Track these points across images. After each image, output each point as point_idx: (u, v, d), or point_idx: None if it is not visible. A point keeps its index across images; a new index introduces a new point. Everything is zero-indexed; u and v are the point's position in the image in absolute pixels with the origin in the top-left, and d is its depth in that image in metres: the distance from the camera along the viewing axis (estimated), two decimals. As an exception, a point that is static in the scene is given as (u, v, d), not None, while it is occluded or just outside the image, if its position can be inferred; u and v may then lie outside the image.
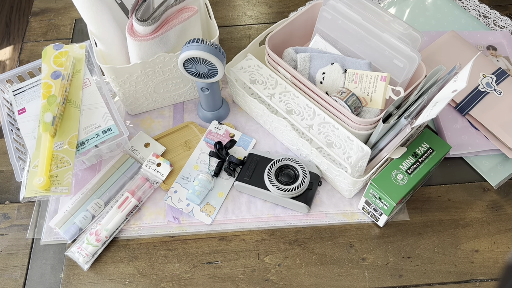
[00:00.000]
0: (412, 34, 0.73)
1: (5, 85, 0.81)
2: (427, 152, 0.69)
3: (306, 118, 0.72)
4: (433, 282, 0.69)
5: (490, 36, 0.93)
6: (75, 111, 0.76)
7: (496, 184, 0.77)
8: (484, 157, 0.80)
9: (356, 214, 0.75)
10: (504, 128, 0.77)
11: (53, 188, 0.69)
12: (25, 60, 0.97)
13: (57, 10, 1.05)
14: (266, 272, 0.70)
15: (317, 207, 0.75)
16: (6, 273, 0.71)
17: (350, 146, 0.69)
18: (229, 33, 1.00)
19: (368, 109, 0.73)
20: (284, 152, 0.81)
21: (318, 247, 0.72)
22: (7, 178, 0.81)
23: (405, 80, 0.73)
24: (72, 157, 0.72)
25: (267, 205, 0.76)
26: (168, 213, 0.75)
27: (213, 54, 0.68)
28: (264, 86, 0.76)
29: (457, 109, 0.81)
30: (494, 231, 0.73)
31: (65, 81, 0.76)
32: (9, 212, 0.77)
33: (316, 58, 0.76)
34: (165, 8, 0.70)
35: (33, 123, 0.76)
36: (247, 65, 0.78)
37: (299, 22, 0.82)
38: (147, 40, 0.71)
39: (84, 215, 0.73)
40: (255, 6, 1.05)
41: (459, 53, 0.86)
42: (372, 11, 0.75)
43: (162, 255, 0.72)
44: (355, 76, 0.73)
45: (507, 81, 0.81)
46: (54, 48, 0.80)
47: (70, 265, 0.71)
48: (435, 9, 0.99)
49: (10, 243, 0.74)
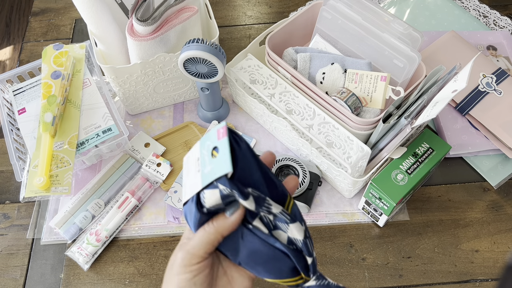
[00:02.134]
0: (412, 34, 0.72)
1: (5, 85, 0.81)
2: (427, 152, 0.69)
3: (306, 118, 0.72)
4: (433, 282, 0.69)
5: (490, 36, 0.93)
6: (75, 111, 0.76)
7: (496, 184, 0.77)
8: (484, 157, 0.80)
9: (356, 214, 0.75)
10: (504, 128, 0.77)
11: (53, 188, 0.69)
12: (25, 60, 0.97)
13: (57, 10, 1.05)
14: (266, 272, 0.70)
15: (317, 207, 0.75)
16: (6, 273, 0.71)
17: (350, 146, 0.69)
18: (229, 33, 1.00)
19: (368, 109, 0.73)
20: (284, 152, 0.81)
21: (318, 247, 0.72)
22: (7, 178, 0.81)
23: (405, 80, 0.73)
24: (72, 157, 0.72)
25: (267, 205, 0.76)
26: (168, 213, 0.75)
27: (213, 54, 0.68)
28: (264, 86, 0.76)
29: (457, 109, 0.81)
30: (494, 231, 0.73)
31: (65, 81, 0.76)
32: (9, 212, 0.77)
33: (316, 58, 0.76)
34: (165, 8, 0.70)
35: (33, 123, 0.76)
36: (247, 65, 0.78)
37: (299, 22, 0.82)
38: (147, 40, 0.71)
39: (84, 215, 0.73)
40: (255, 6, 1.05)
41: (459, 53, 0.86)
42: (372, 11, 0.75)
43: (162, 255, 0.72)
44: (355, 76, 0.73)
45: (507, 81, 0.81)
46: (54, 48, 0.80)
47: (70, 265, 0.71)
48: (435, 9, 0.99)
49: (10, 243, 0.74)
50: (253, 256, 0.39)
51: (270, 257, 0.39)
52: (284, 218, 0.39)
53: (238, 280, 0.41)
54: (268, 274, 0.40)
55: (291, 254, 0.39)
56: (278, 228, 0.40)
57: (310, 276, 0.40)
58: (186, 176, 0.40)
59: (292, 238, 0.39)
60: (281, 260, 0.39)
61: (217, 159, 0.36)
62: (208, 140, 0.37)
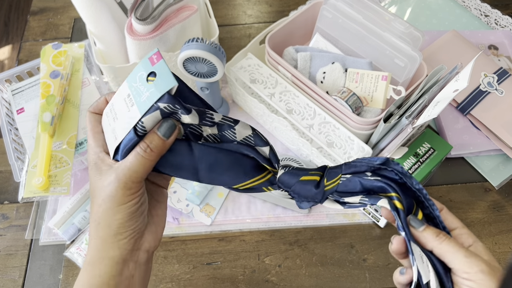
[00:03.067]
0: (413, 33, 0.72)
1: (4, 85, 0.80)
2: (428, 152, 0.69)
3: (306, 117, 0.72)
4: (434, 283, 0.69)
5: (492, 35, 0.92)
6: (74, 111, 0.75)
7: (498, 185, 0.76)
8: (486, 157, 0.79)
9: (357, 215, 0.74)
10: (506, 128, 0.76)
11: (52, 188, 0.69)
12: (23, 60, 0.96)
13: (56, 9, 1.05)
14: (266, 273, 0.70)
15: (317, 207, 0.75)
16: (5, 274, 0.71)
17: (351, 146, 0.68)
18: (229, 32, 0.99)
19: (369, 109, 0.72)
20: (284, 152, 0.81)
21: (318, 248, 0.72)
22: (5, 178, 0.80)
23: (406, 79, 0.72)
24: (71, 157, 0.71)
25: (267, 205, 0.75)
26: (167, 213, 0.75)
27: (213, 54, 0.67)
28: (264, 86, 0.75)
29: (459, 109, 0.81)
30: (495, 232, 0.73)
31: (64, 81, 0.76)
32: (7, 212, 0.77)
33: (316, 57, 0.76)
34: (165, 7, 0.70)
35: (31, 123, 0.76)
36: (247, 64, 0.78)
37: (299, 21, 0.82)
38: (146, 40, 0.70)
39: (83, 216, 0.73)
40: (255, 5, 1.04)
41: (460, 52, 0.86)
42: (373, 10, 0.75)
43: (161, 256, 0.72)
44: (356, 75, 0.73)
45: (508, 81, 0.81)
46: (53, 48, 0.79)
47: (69, 266, 0.71)
48: (436, 8, 0.99)
49: (8, 244, 0.74)
50: (213, 168, 0.39)
51: (231, 162, 0.40)
52: (227, 123, 0.39)
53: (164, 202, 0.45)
54: (234, 180, 0.40)
55: (249, 151, 0.39)
56: (225, 138, 0.40)
57: (276, 167, 0.41)
58: (110, 124, 0.40)
59: (242, 138, 0.40)
60: (241, 161, 0.40)
61: (156, 81, 0.36)
62: (139, 72, 0.37)
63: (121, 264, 0.40)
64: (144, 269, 0.42)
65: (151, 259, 0.44)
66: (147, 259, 0.43)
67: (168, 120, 0.37)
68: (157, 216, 0.44)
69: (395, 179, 0.40)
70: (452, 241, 0.38)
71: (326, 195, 0.41)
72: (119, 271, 0.40)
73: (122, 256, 0.40)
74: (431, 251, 0.38)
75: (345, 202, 0.41)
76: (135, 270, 0.41)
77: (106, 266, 0.39)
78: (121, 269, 0.40)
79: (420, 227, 0.39)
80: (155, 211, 0.44)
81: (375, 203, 0.39)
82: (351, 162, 0.41)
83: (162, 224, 0.45)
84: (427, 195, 0.39)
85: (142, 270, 0.42)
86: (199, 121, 0.38)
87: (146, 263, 0.42)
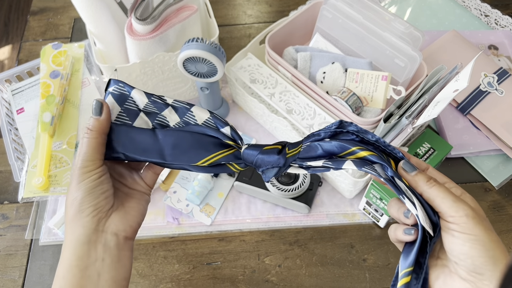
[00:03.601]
0: (413, 33, 0.72)
1: (4, 85, 0.80)
2: (428, 152, 0.69)
3: (306, 117, 0.72)
4: (434, 283, 0.69)
5: (492, 35, 0.92)
6: (74, 111, 0.75)
7: (498, 185, 0.76)
8: (486, 157, 0.79)
9: (357, 215, 0.74)
10: (506, 128, 0.76)
11: (52, 189, 0.69)
12: (23, 60, 0.96)
13: (56, 9, 1.05)
14: (266, 273, 0.70)
15: (317, 207, 0.75)
16: (5, 274, 0.71)
17: (351, 146, 0.68)
18: (229, 32, 0.99)
19: (369, 109, 0.72)
20: (284, 152, 0.81)
21: (318, 248, 0.72)
22: (5, 178, 0.80)
23: (406, 79, 0.72)
24: (71, 157, 0.71)
25: (267, 205, 0.75)
26: (167, 213, 0.75)
27: (212, 54, 0.67)
28: (264, 86, 0.75)
29: (459, 109, 0.81)
30: (495, 232, 0.73)
31: (64, 81, 0.76)
32: (7, 212, 0.77)
33: (316, 57, 0.76)
34: (165, 7, 0.70)
35: (31, 123, 0.76)
36: (247, 64, 0.78)
37: (299, 21, 0.82)
38: (146, 39, 0.70)
39: (83, 216, 0.73)
40: (255, 5, 1.04)
41: (460, 52, 0.85)
42: (373, 10, 0.75)
43: (161, 256, 0.71)
44: (356, 75, 0.72)
45: (508, 81, 0.81)
46: (53, 48, 0.79)
47: (69, 266, 0.71)
48: (436, 8, 0.99)
49: (8, 244, 0.73)
50: (178, 145, 0.43)
51: (195, 140, 0.43)
52: (183, 105, 0.43)
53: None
54: (198, 156, 0.43)
55: (212, 132, 0.43)
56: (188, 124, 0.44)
57: (240, 144, 0.43)
58: None
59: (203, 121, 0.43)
60: (205, 139, 0.43)
61: None
62: None
63: (87, 244, 0.41)
64: (116, 255, 0.42)
65: (127, 248, 0.44)
66: (117, 243, 0.43)
67: (94, 101, 0.42)
68: (129, 207, 0.45)
69: (353, 139, 0.42)
70: (442, 187, 0.39)
71: (289, 162, 0.43)
72: (85, 252, 0.40)
73: (87, 236, 0.41)
74: (420, 194, 0.40)
75: (309, 166, 0.42)
76: (105, 253, 0.41)
77: (73, 247, 0.40)
78: (87, 250, 0.41)
79: (413, 171, 0.40)
80: (128, 203, 0.45)
81: (340, 167, 0.40)
82: (310, 133, 0.43)
83: (135, 214, 0.45)
84: (385, 142, 0.41)
85: (114, 255, 0.42)
86: (147, 97, 0.43)
87: (117, 248, 0.42)
